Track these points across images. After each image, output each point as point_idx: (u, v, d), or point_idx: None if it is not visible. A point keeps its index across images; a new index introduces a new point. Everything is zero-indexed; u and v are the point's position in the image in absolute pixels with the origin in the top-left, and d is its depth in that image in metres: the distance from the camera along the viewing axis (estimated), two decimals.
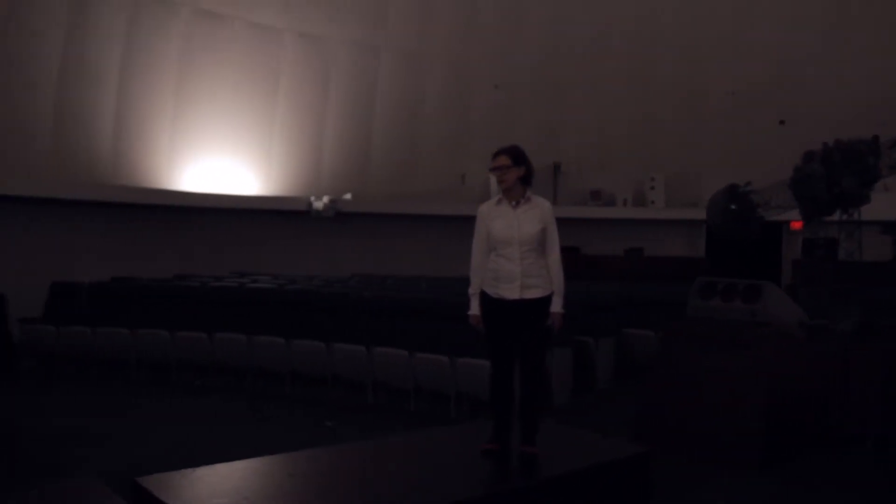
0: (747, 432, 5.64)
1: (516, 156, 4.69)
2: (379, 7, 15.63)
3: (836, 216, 11.48)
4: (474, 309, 4.73)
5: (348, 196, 15.13)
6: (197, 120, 13.73)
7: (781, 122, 16.43)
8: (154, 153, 13.33)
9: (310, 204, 14.61)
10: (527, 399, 4.68)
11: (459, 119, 16.72)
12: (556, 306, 4.60)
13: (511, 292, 4.58)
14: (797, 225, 15.01)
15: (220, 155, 14.11)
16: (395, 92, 16.11)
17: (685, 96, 17.13)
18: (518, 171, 4.66)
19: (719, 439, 5.74)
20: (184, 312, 9.46)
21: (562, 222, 4.77)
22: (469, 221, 4.86)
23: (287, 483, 4.12)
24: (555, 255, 4.68)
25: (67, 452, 6.02)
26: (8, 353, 9.64)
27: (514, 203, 4.67)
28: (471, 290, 4.76)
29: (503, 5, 16.81)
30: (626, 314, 9.62)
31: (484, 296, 4.69)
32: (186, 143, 13.68)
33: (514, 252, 4.59)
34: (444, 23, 16.31)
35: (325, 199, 14.63)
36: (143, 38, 12.84)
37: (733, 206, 8.38)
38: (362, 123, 15.87)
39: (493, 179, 5.41)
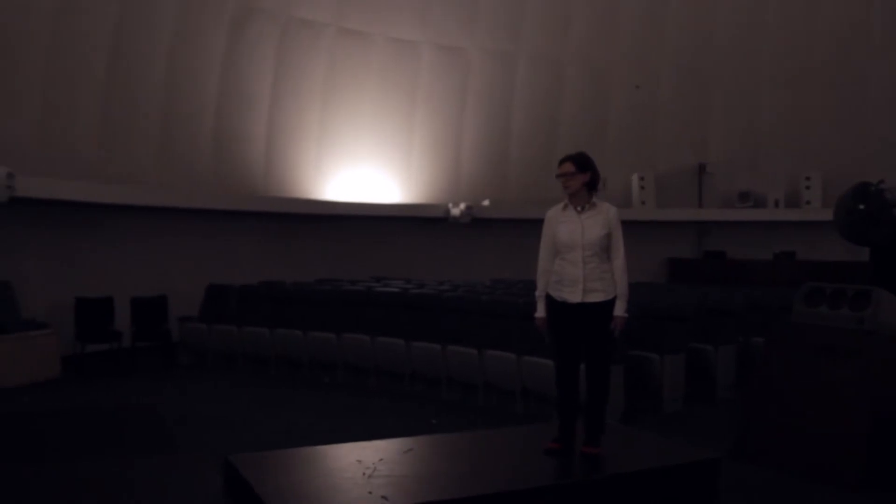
0: (848, 448, 5.39)
1: (581, 163, 4.86)
2: (514, 15, 15.84)
3: None
4: (540, 311, 4.92)
5: (486, 202, 15.44)
6: (341, 133, 14.49)
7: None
8: (302, 166, 14.21)
9: (447, 211, 15.05)
10: (591, 401, 4.79)
11: (598, 123, 16.63)
12: (619, 310, 4.69)
13: (573, 296, 4.73)
14: None
15: (362, 165, 14.82)
16: (532, 98, 16.26)
17: (846, 84, 16.11)
18: (583, 178, 4.82)
19: (818, 453, 5.54)
20: (317, 314, 10.11)
21: (708, 225, 4.83)
22: None
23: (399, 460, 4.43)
24: (619, 260, 4.78)
25: (198, 434, 6.77)
26: (168, 349, 10.68)
27: (579, 208, 4.81)
28: (537, 293, 4.95)
29: (642, 4, 16.57)
30: (754, 321, 9.30)
31: (549, 299, 4.86)
32: (331, 155, 14.47)
33: (577, 256, 4.73)
34: (580, 26, 16.28)
35: (462, 205, 15.02)
36: (291, 60, 13.73)
37: (861, 206, 7.87)
38: (499, 131, 16.13)
39: (634, 182, 5.53)
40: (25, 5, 10.12)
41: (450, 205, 15.17)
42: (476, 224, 15.27)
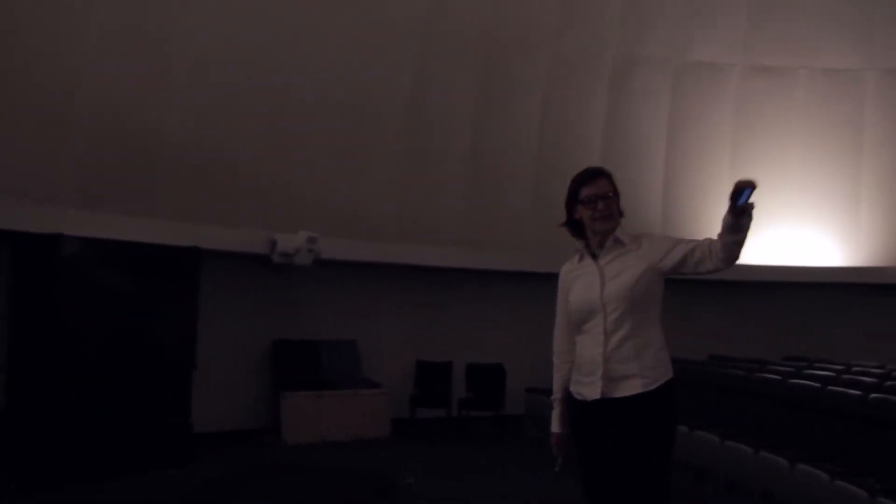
0: None
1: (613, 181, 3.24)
2: None
3: None
4: (555, 425, 3.20)
5: None
6: (758, 186, 12.34)
7: None
8: (712, 217, 12.41)
9: None
10: None
11: None
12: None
13: (591, 389, 3.03)
14: None
15: (786, 222, 12.37)
16: None
17: None
18: (618, 201, 3.21)
19: None
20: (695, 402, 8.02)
21: None
22: None
23: None
24: (694, 241, 3.06)
25: None
26: (502, 419, 9.91)
27: (598, 251, 3.19)
28: (552, 396, 3.23)
29: None
30: None
31: (571, 401, 3.14)
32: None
33: (597, 325, 3.06)
34: None
35: None
36: (689, 109, 12.25)
37: None
38: None
39: None
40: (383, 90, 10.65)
41: None
42: None
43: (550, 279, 9.97)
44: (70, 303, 6.84)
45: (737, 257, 2.97)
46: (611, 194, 3.15)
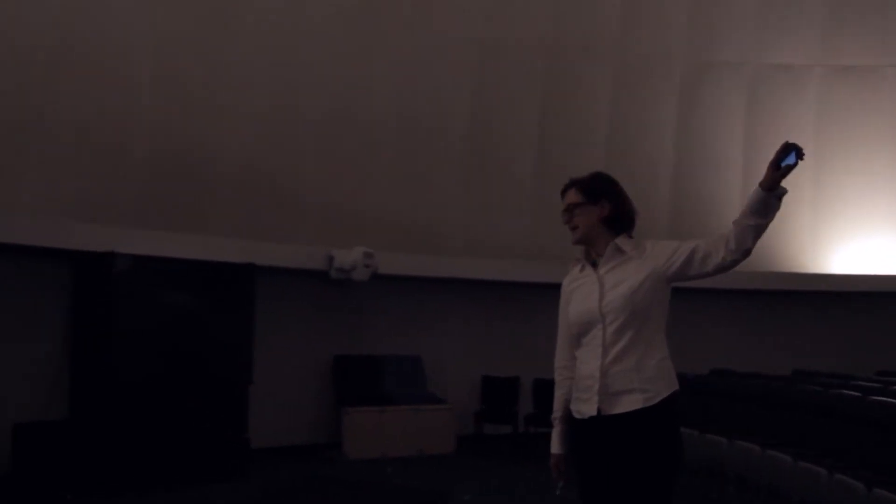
0: None
1: (594, 188, 3.00)
2: None
3: None
4: (554, 446, 3.03)
5: None
6: (843, 194, 11.70)
7: None
8: (792, 234, 11.81)
9: None
10: None
11: None
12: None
13: (588, 405, 2.83)
14: None
15: (878, 232, 11.68)
16: None
17: None
18: (597, 211, 2.96)
19: None
20: (769, 419, 7.59)
21: None
22: None
23: None
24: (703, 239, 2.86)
25: None
26: None
27: (597, 260, 2.98)
28: (553, 415, 3.02)
29: None
30: None
31: (571, 420, 2.96)
32: (831, 222, 11.74)
33: (596, 337, 2.85)
34: None
35: None
36: (766, 114, 11.70)
37: None
38: None
39: None
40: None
41: None
42: None
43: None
44: (126, 319, 7.04)
45: (749, 248, 2.73)
46: (575, 205, 2.99)
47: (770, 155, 2.82)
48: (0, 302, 7.00)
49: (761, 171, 9.29)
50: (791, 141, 2.70)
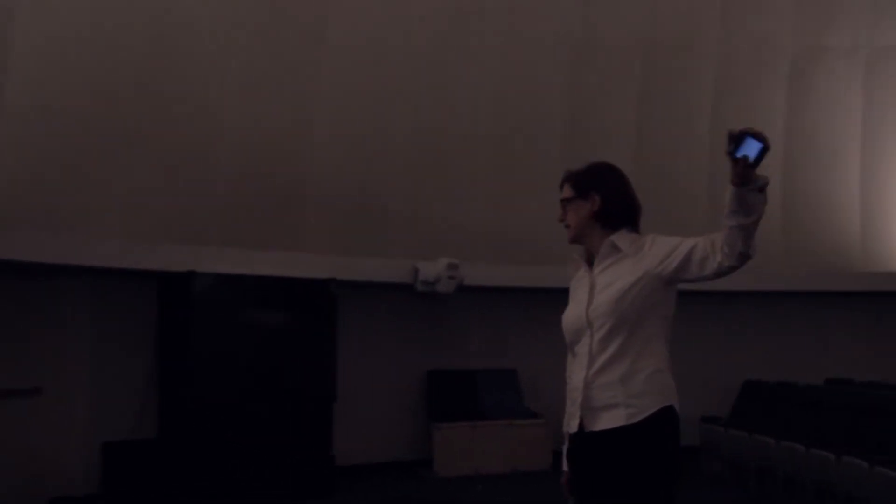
0: None
1: (586, 181, 2.67)
2: None
3: None
4: (565, 463, 2.74)
5: None
6: None
7: None
8: None
9: None
10: None
11: None
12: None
13: (573, 420, 2.60)
14: None
15: None
16: None
17: None
18: (587, 207, 2.65)
19: None
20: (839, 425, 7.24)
21: None
22: None
23: None
24: (692, 239, 2.48)
25: None
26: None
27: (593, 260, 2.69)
28: (565, 427, 2.71)
29: None
30: None
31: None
32: None
33: (585, 346, 2.58)
34: None
35: None
36: (886, 102, 10.81)
37: None
38: None
39: None
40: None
41: None
42: None
43: (718, 298, 9.18)
44: (207, 337, 7.11)
45: (744, 252, 2.30)
46: (567, 201, 2.71)
47: (891, 147, 2.36)
48: (91, 322, 7.20)
49: (882, 166, 8.59)
50: (743, 128, 2.22)
